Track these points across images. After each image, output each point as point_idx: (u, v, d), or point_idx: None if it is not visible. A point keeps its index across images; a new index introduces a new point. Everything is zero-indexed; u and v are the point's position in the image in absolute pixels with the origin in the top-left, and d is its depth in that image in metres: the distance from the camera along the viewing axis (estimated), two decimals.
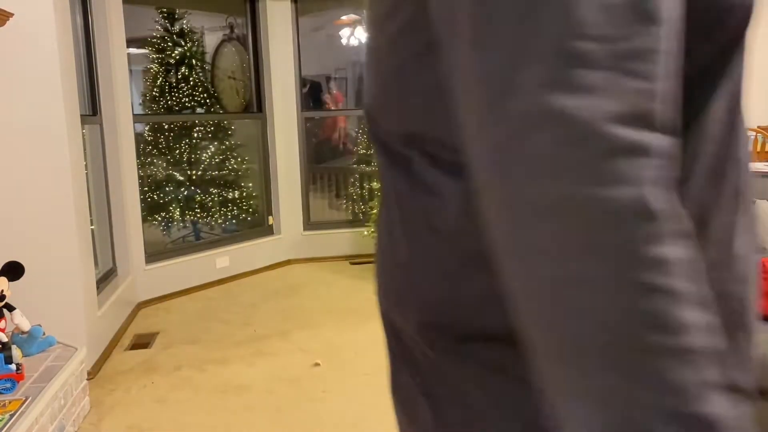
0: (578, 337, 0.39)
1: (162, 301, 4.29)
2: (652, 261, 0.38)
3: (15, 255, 2.73)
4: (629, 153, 0.38)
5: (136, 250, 4.13)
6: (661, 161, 0.39)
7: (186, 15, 4.73)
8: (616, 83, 0.39)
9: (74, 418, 2.53)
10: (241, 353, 3.30)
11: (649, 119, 0.39)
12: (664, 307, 0.38)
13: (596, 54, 0.39)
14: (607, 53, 0.39)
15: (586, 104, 0.38)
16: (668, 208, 0.39)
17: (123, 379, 3.03)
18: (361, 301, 4.16)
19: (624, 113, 0.39)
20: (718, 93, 0.58)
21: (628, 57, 0.39)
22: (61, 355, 2.61)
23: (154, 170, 4.71)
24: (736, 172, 0.57)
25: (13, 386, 2.27)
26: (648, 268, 0.38)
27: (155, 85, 4.67)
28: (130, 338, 3.60)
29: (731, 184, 0.56)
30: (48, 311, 2.85)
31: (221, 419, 2.61)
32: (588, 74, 0.39)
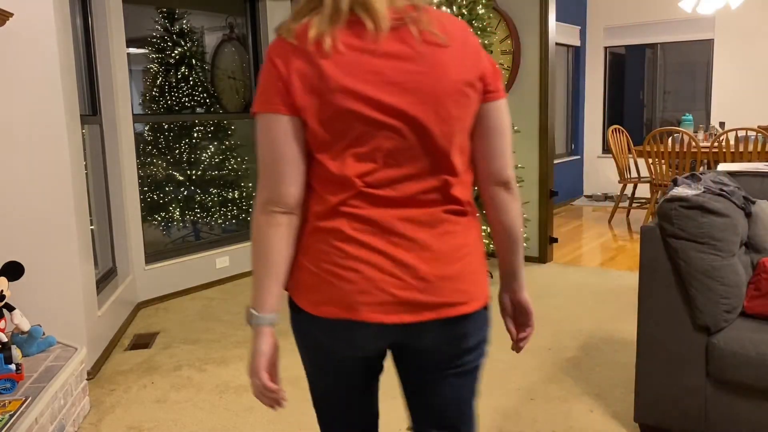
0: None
1: (162, 301, 4.29)
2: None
3: (15, 255, 2.73)
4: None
5: (136, 250, 4.13)
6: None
7: (186, 15, 4.73)
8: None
9: (74, 418, 2.53)
10: (241, 353, 3.30)
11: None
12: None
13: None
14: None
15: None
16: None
17: (123, 379, 3.03)
18: None
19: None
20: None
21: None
22: (61, 355, 2.61)
23: (154, 170, 4.71)
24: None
25: (13, 386, 2.27)
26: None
27: (155, 85, 4.67)
28: (130, 338, 3.60)
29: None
30: (48, 311, 2.85)
31: (221, 419, 2.61)
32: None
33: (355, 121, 1.10)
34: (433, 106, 1.11)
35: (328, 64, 1.08)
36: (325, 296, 1.15)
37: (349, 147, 1.12)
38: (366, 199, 1.13)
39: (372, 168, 1.12)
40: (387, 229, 1.13)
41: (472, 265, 1.21)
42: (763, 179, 2.51)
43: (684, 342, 2.14)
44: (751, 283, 2.19)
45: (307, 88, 1.09)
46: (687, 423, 2.17)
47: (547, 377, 2.90)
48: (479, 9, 4.36)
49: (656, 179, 5.99)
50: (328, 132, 1.11)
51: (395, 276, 1.12)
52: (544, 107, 4.85)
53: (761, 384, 1.98)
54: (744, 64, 7.09)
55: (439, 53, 1.11)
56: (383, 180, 1.13)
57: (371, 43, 1.09)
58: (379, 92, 1.09)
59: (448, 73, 1.11)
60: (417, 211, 1.15)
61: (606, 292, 4.17)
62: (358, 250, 1.12)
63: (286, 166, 1.12)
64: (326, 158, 1.12)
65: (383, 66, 1.09)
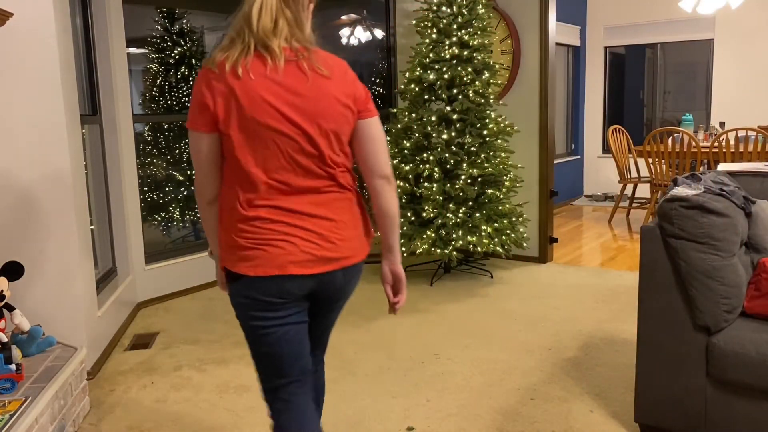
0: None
1: (162, 301, 4.29)
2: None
3: (15, 255, 2.73)
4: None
5: (136, 250, 4.13)
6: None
7: (186, 15, 4.73)
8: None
9: (74, 418, 2.53)
10: (241, 353, 3.30)
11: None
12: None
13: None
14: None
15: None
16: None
17: (123, 379, 3.03)
18: (361, 301, 4.16)
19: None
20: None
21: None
22: (61, 355, 2.61)
23: (154, 170, 4.71)
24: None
25: (13, 386, 2.27)
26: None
27: (155, 85, 4.67)
28: (130, 338, 3.60)
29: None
30: (48, 311, 2.85)
31: (221, 419, 2.61)
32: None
33: (263, 130, 1.52)
34: (317, 121, 1.55)
35: (240, 85, 1.50)
36: (262, 262, 1.57)
37: (258, 149, 1.54)
38: (275, 190, 1.57)
39: (277, 165, 1.55)
40: (297, 211, 1.59)
41: (358, 230, 1.70)
42: (763, 179, 2.51)
43: (684, 342, 2.14)
44: (751, 283, 2.19)
45: (226, 104, 1.51)
46: (687, 423, 2.17)
47: (547, 377, 2.90)
48: (479, 9, 4.36)
49: (656, 179, 5.99)
50: (243, 137, 1.53)
51: (312, 242, 1.59)
52: (544, 107, 4.85)
53: (761, 384, 1.98)
54: (744, 64, 7.09)
55: (323, 82, 1.55)
56: (286, 175, 1.57)
57: (272, 72, 1.51)
58: (283, 107, 1.51)
59: (329, 97, 1.56)
60: (317, 197, 1.61)
61: (606, 292, 4.17)
62: (284, 227, 1.57)
63: (206, 171, 1.61)
64: (241, 157, 1.54)
65: (281, 89, 1.51)
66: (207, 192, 1.64)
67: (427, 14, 4.46)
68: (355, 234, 1.69)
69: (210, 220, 1.69)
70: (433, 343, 3.36)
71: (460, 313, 3.85)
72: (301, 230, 1.58)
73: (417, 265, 4.89)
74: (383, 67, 5.37)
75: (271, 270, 1.57)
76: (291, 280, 1.59)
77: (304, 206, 1.60)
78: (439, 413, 2.59)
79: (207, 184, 1.63)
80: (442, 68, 4.28)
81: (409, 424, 2.51)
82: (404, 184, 4.35)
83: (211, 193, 1.64)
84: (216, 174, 1.61)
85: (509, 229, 4.31)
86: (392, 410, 2.64)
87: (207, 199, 1.65)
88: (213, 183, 1.63)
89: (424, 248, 4.18)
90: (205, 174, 1.61)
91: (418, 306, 4.01)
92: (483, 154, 4.29)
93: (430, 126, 4.30)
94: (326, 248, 1.61)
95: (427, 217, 4.23)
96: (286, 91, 1.52)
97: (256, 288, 1.59)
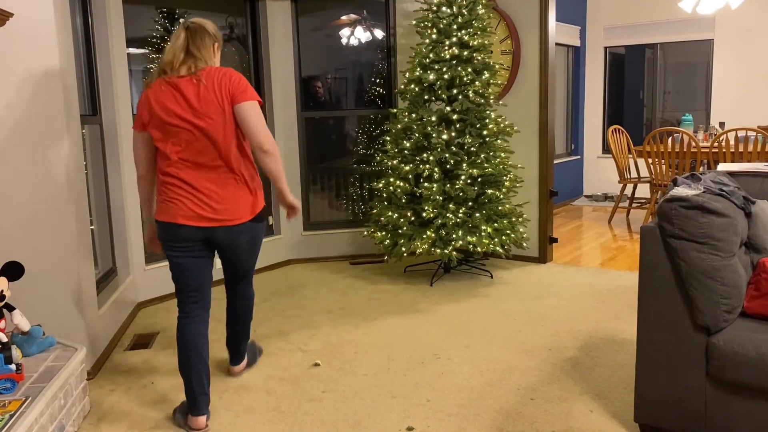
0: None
1: (162, 301, 4.29)
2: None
3: (15, 255, 2.73)
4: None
5: (136, 251, 4.13)
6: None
7: (186, 15, 4.73)
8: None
9: (74, 418, 2.53)
10: None
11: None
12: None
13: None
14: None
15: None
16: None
17: (123, 379, 3.03)
18: (361, 301, 4.16)
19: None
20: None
21: None
22: (61, 355, 2.61)
23: None
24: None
25: (13, 386, 2.27)
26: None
27: None
28: (130, 338, 3.60)
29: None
30: (48, 311, 2.85)
31: (221, 419, 2.61)
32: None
33: (168, 126, 2.39)
34: (203, 117, 2.37)
35: (153, 95, 2.41)
36: (166, 213, 2.44)
37: (169, 139, 2.41)
38: (179, 165, 2.42)
39: (180, 149, 2.40)
40: (191, 182, 2.42)
41: (239, 203, 2.47)
42: (763, 179, 2.51)
43: (684, 342, 2.14)
44: (751, 283, 2.19)
45: (148, 111, 2.42)
46: (687, 423, 2.17)
47: (547, 377, 2.90)
48: (479, 9, 4.36)
49: (656, 179, 5.99)
50: (159, 132, 2.42)
51: (198, 204, 2.41)
52: (543, 107, 4.85)
53: (761, 384, 1.98)
54: (744, 64, 7.09)
55: (204, 90, 2.37)
56: (186, 156, 2.41)
57: (174, 86, 2.39)
58: (178, 110, 2.37)
59: (210, 100, 2.37)
60: (209, 173, 2.42)
61: (606, 292, 4.17)
62: (179, 191, 2.42)
63: (139, 157, 2.54)
64: (160, 145, 2.43)
65: (180, 96, 2.38)
66: (139, 172, 2.56)
67: (427, 14, 4.46)
68: (236, 205, 2.46)
69: (142, 191, 2.60)
70: (433, 343, 3.36)
71: (460, 313, 3.85)
72: (191, 195, 2.42)
73: (417, 265, 4.89)
74: (383, 67, 5.37)
75: (168, 218, 2.44)
76: (181, 228, 2.43)
77: (198, 179, 2.42)
78: (439, 413, 2.59)
79: (138, 167, 2.56)
80: (442, 68, 4.28)
81: (409, 424, 2.51)
82: (404, 184, 4.35)
83: (141, 172, 2.56)
84: (144, 159, 2.54)
85: (509, 229, 4.31)
86: (392, 410, 2.64)
87: (139, 174, 2.57)
88: (141, 166, 2.55)
89: (424, 248, 4.18)
90: (137, 160, 2.55)
91: (418, 306, 4.01)
92: (483, 154, 4.29)
93: (430, 126, 4.30)
94: (206, 210, 2.43)
95: (427, 217, 4.23)
96: (182, 98, 2.39)
97: (164, 229, 2.48)
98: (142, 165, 2.52)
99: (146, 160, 2.51)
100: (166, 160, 2.42)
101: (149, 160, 2.51)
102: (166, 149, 2.41)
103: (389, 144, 4.55)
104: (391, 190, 4.42)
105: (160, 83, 2.40)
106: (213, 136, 2.37)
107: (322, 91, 5.51)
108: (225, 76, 2.40)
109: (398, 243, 4.32)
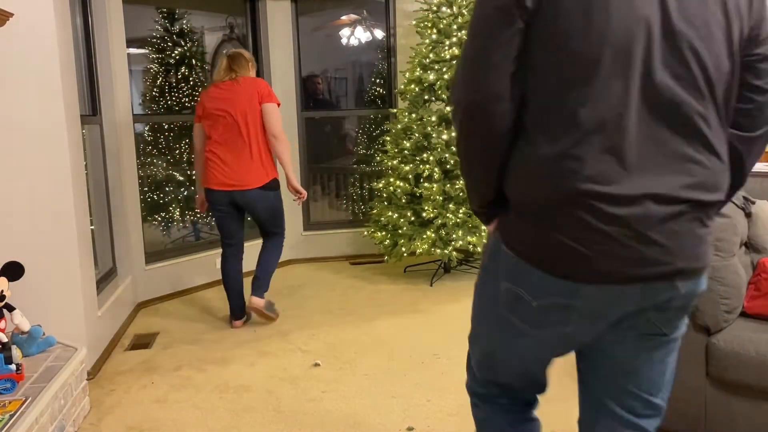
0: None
1: (162, 301, 4.29)
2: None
3: (15, 255, 2.73)
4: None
5: (136, 251, 4.13)
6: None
7: (186, 15, 4.73)
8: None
9: (74, 418, 2.53)
10: (241, 353, 3.30)
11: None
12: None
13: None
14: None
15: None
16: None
17: (123, 379, 3.03)
18: (361, 301, 4.16)
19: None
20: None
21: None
22: (61, 355, 2.61)
23: (154, 170, 4.71)
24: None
25: (13, 386, 2.27)
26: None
27: (155, 85, 4.67)
28: (130, 338, 3.60)
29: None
30: (48, 311, 2.85)
31: (221, 419, 2.61)
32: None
33: (213, 115, 3.48)
34: (235, 108, 3.43)
35: (206, 96, 3.55)
36: (207, 180, 3.52)
37: (213, 125, 3.49)
38: (216, 145, 3.49)
39: (218, 133, 3.48)
40: (222, 158, 3.47)
41: (252, 174, 3.45)
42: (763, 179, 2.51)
43: (684, 342, 2.13)
44: (751, 283, 2.19)
45: (202, 107, 3.55)
46: (687, 423, 2.17)
47: None
48: None
49: None
50: (207, 120, 3.52)
51: (224, 174, 3.46)
52: None
53: (761, 384, 1.98)
54: None
55: (240, 90, 3.46)
56: (221, 138, 3.47)
57: (219, 88, 3.51)
58: (220, 104, 3.46)
59: (242, 98, 3.44)
60: (235, 151, 3.46)
61: None
62: (214, 164, 3.47)
63: (196, 141, 3.67)
64: (207, 130, 3.54)
65: (223, 95, 3.48)
66: (197, 148, 3.66)
67: (427, 15, 4.46)
68: (249, 175, 3.45)
69: (198, 163, 3.67)
70: (433, 343, 3.36)
71: (461, 313, 3.85)
72: (221, 167, 3.46)
73: (417, 265, 4.89)
74: (383, 68, 5.37)
75: (208, 185, 3.53)
76: (215, 192, 3.50)
77: (226, 155, 3.46)
78: (439, 413, 2.59)
79: (195, 146, 3.67)
80: (442, 68, 4.28)
81: (409, 424, 2.51)
82: (404, 184, 4.35)
83: (198, 149, 3.65)
84: (200, 142, 3.62)
85: None
86: (392, 410, 2.64)
87: (197, 150, 3.66)
88: (198, 146, 3.65)
89: (424, 248, 4.18)
90: (195, 141, 3.68)
91: (418, 306, 4.01)
92: None
93: (430, 126, 4.30)
94: (229, 178, 3.45)
95: (427, 217, 4.23)
96: (224, 96, 3.47)
97: (206, 193, 3.57)
98: (197, 147, 3.63)
99: (200, 143, 3.60)
100: (209, 141, 3.51)
101: (201, 144, 3.58)
102: (210, 133, 3.50)
103: (389, 144, 4.55)
104: (391, 190, 4.42)
105: (212, 88, 3.54)
106: (239, 122, 3.42)
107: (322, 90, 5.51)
108: (256, 82, 3.51)
109: (398, 243, 4.32)
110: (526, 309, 1.22)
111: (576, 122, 1.08)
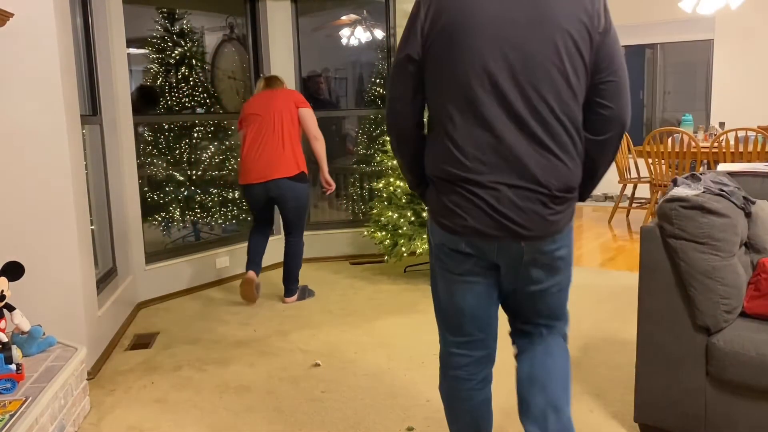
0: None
1: (162, 301, 4.29)
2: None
3: (15, 255, 2.73)
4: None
5: (136, 250, 4.13)
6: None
7: (186, 15, 4.73)
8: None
9: (74, 418, 2.53)
10: (241, 353, 3.30)
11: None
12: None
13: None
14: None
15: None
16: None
17: (123, 379, 3.03)
18: (361, 301, 4.16)
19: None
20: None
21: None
22: (61, 355, 2.61)
23: (154, 170, 4.71)
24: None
25: (13, 386, 2.27)
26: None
27: (155, 86, 4.67)
28: (130, 338, 3.60)
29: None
30: (48, 311, 2.85)
31: (221, 419, 2.61)
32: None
33: (249, 119, 4.01)
34: (270, 112, 3.94)
35: (247, 104, 4.10)
36: (246, 177, 3.97)
37: (249, 126, 3.99)
38: (250, 141, 3.96)
39: (253, 130, 3.97)
40: (256, 149, 3.93)
41: (283, 165, 3.89)
42: (763, 179, 2.51)
43: (684, 342, 2.14)
44: (751, 283, 2.19)
45: (243, 114, 4.08)
46: (687, 423, 2.17)
47: None
48: None
49: (656, 179, 5.99)
50: (246, 122, 4.03)
51: (260, 166, 3.91)
52: None
53: (761, 384, 1.98)
54: (744, 64, 7.09)
55: (274, 98, 4.00)
56: (255, 134, 3.95)
57: (259, 95, 4.08)
58: (256, 109, 3.99)
59: (277, 103, 3.96)
60: (270, 147, 3.90)
61: (606, 292, 4.17)
62: (248, 158, 3.96)
63: (243, 142, 4.08)
64: (245, 130, 4.03)
65: (261, 101, 4.01)
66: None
67: None
68: (281, 166, 3.86)
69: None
70: (433, 343, 3.35)
71: None
72: (257, 161, 3.88)
73: (417, 265, 4.89)
74: (383, 68, 5.37)
75: (245, 182, 3.97)
76: (252, 186, 3.93)
77: (259, 147, 3.89)
78: (439, 413, 2.59)
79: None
80: None
81: (409, 424, 2.51)
82: (404, 185, 4.35)
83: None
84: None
85: None
86: (392, 410, 2.64)
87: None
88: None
89: (424, 248, 4.18)
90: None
91: (418, 306, 4.01)
92: None
93: None
94: (264, 170, 3.87)
95: (427, 217, 4.23)
96: (263, 102, 3.97)
97: (246, 191, 4.02)
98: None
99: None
100: (245, 141, 3.97)
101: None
102: (247, 132, 3.96)
103: (389, 144, 4.55)
104: (391, 190, 4.42)
105: (251, 98, 4.12)
106: (274, 119, 3.89)
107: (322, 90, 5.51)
108: (291, 91, 4.13)
109: (398, 243, 4.32)
110: (444, 257, 1.70)
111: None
